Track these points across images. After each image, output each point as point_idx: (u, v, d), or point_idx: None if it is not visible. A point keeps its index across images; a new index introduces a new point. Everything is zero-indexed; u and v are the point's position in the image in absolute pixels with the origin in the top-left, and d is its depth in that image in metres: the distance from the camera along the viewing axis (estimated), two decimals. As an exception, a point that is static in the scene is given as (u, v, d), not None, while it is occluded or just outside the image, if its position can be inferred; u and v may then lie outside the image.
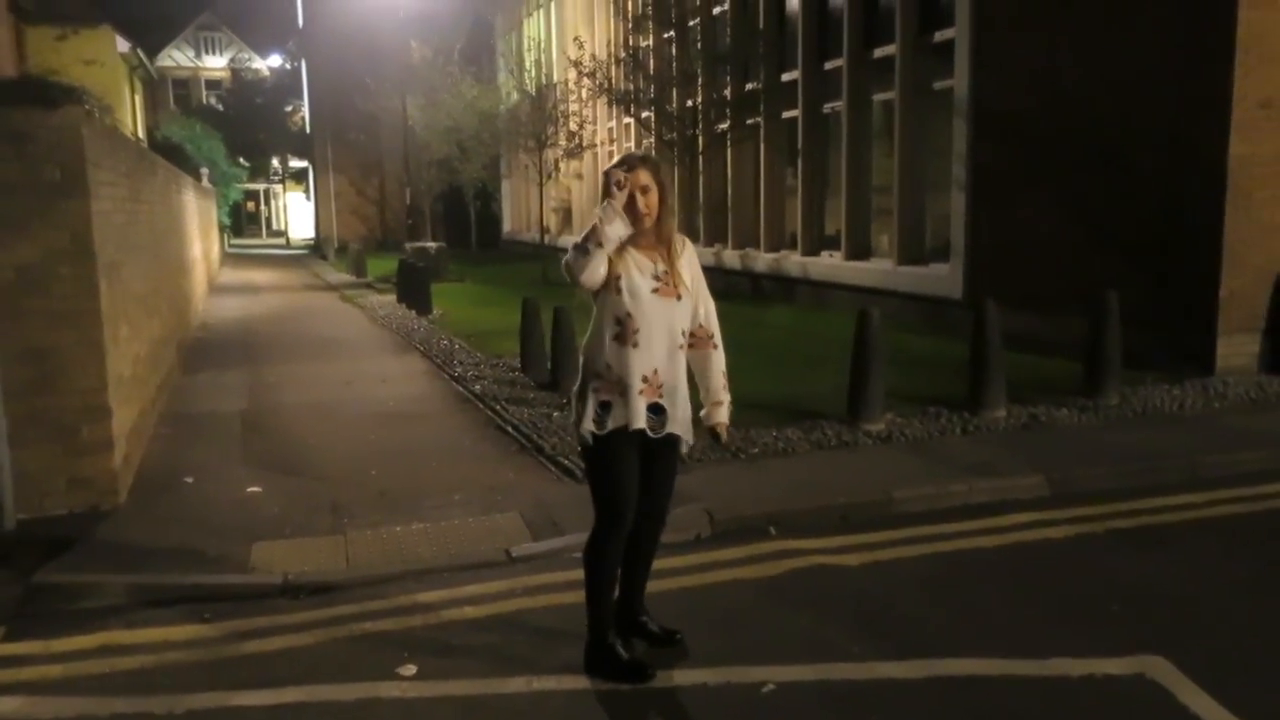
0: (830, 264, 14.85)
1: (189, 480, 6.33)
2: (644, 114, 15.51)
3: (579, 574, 3.76)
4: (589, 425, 3.49)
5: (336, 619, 4.33)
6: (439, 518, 5.49)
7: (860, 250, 14.35)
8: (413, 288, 16.44)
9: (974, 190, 11.55)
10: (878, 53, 13.75)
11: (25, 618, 4.40)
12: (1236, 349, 8.56)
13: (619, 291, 3.46)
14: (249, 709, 3.59)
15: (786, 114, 16.13)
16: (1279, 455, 6.32)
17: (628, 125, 21.73)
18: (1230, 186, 8.34)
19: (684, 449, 3.70)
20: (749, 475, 6.08)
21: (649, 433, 3.52)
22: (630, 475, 3.56)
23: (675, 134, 16.78)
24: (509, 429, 7.47)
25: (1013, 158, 10.93)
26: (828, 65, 14.95)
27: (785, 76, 16.09)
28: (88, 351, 5.47)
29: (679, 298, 3.55)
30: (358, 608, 4.43)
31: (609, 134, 24.24)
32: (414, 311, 15.68)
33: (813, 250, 15.45)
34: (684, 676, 3.72)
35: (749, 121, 17.16)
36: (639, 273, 3.49)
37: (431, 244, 24.78)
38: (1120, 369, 7.77)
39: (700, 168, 18.24)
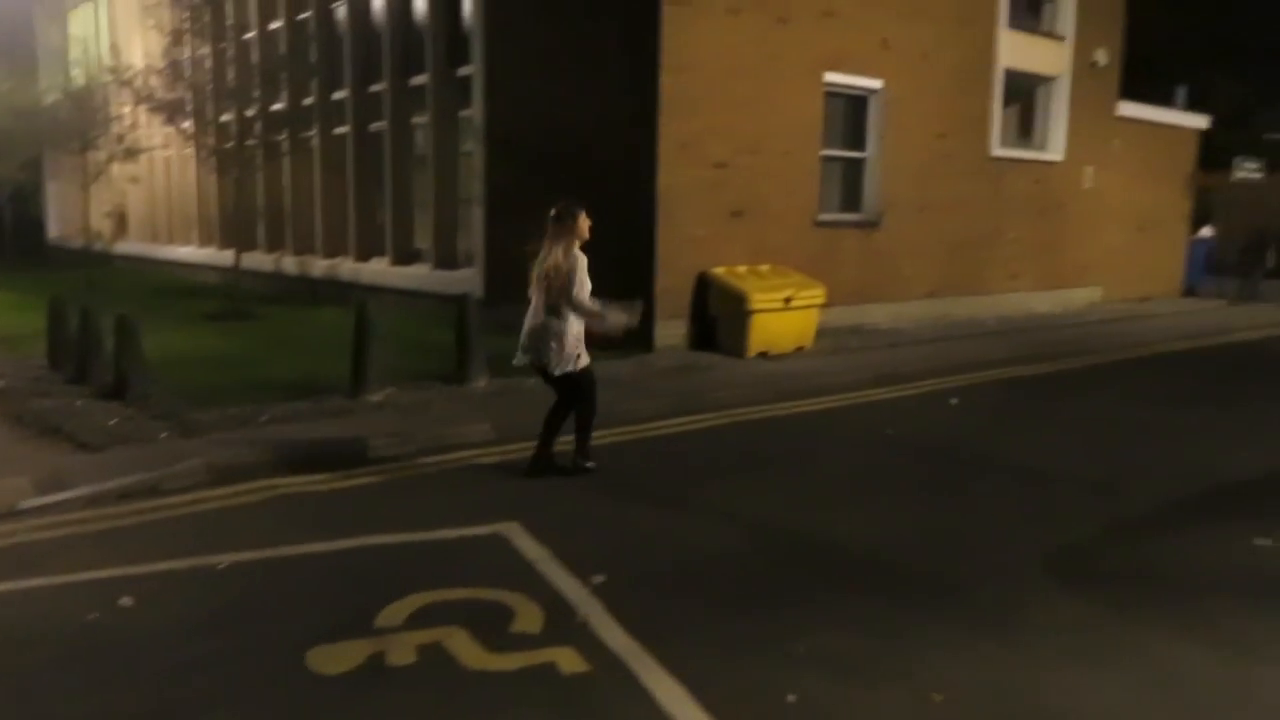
0: (378, 269, 16.21)
1: None
2: (185, 124, 15.75)
3: (84, 515, 4.77)
4: (586, 361, 6.46)
5: None
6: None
7: (404, 256, 15.88)
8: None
9: (490, 205, 13.52)
10: (414, 81, 15.36)
11: None
12: (671, 331, 11.18)
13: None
14: None
15: (338, 130, 17.24)
16: (666, 403, 8.72)
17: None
18: (660, 208, 10.91)
19: None
20: (251, 436, 7.25)
21: None
22: None
23: (217, 143, 17.13)
24: (26, 419, 7.94)
25: (517, 178, 13.00)
26: (372, 88, 16.31)
27: (336, 95, 17.20)
28: None
29: None
30: None
31: (165, 139, 23.62)
32: (-72, 321, 14.63)
33: (364, 257, 16.73)
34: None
35: (302, 135, 18.00)
36: None
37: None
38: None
39: (258, 178, 18.70)
